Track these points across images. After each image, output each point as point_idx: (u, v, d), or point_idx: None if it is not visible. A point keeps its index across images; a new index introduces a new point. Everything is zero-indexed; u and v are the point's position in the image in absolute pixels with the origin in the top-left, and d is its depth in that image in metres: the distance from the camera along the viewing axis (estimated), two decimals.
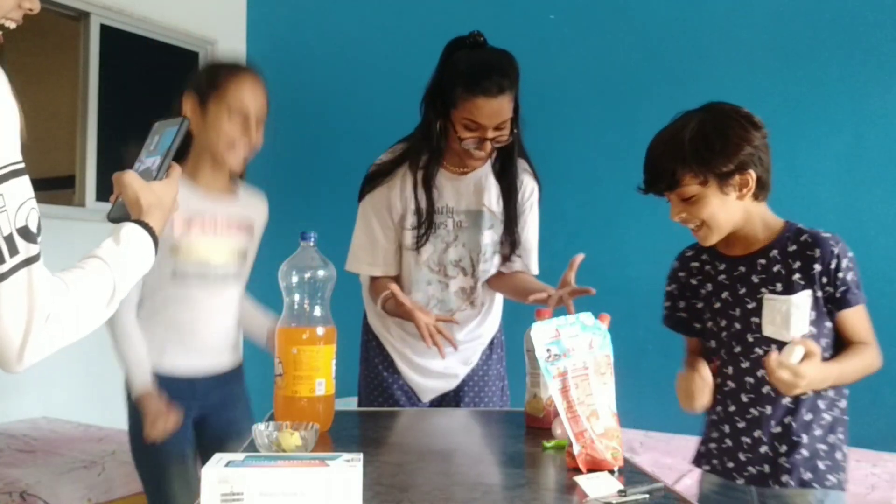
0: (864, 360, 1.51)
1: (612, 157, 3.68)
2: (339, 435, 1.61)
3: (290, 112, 4.61)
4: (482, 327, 2.16)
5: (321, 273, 1.61)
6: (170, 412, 1.84)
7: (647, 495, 1.18)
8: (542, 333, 1.35)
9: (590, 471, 1.29)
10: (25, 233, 0.97)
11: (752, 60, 3.46)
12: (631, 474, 1.32)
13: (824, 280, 1.50)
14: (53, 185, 4.06)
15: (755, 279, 1.55)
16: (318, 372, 1.57)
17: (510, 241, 2.06)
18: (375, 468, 1.33)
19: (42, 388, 3.59)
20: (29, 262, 0.98)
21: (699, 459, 1.66)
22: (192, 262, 1.90)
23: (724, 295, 1.60)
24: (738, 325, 1.56)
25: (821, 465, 1.50)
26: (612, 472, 1.30)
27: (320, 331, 1.58)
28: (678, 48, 3.60)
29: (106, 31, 3.97)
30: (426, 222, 2.00)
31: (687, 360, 1.68)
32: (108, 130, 3.90)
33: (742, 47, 3.48)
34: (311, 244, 1.66)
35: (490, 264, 2.09)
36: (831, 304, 1.51)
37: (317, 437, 1.38)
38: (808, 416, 1.51)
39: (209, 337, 1.96)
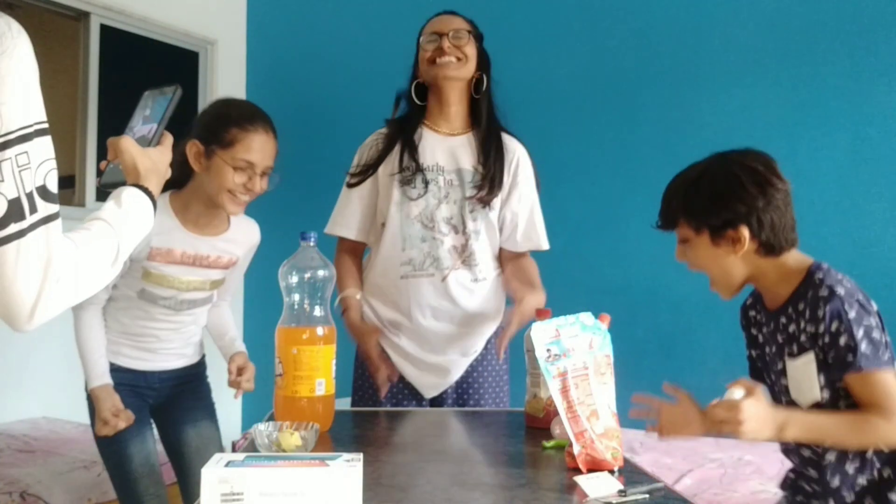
0: (857, 424, 1.33)
1: (611, 156, 3.68)
2: (339, 435, 1.61)
3: (290, 112, 4.61)
4: (483, 316, 2.14)
5: (321, 273, 1.61)
6: (121, 411, 1.86)
7: (647, 495, 1.18)
8: (542, 333, 1.35)
9: (590, 471, 1.29)
10: (44, 192, 1.00)
11: (752, 60, 3.46)
12: (631, 474, 1.32)
13: (825, 341, 1.37)
14: None
15: (780, 338, 1.47)
16: (318, 372, 1.57)
17: (486, 184, 2.08)
18: (375, 468, 1.33)
19: (42, 388, 3.59)
20: (47, 220, 1.00)
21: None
22: (161, 288, 1.92)
23: (767, 350, 1.54)
24: (776, 387, 1.51)
25: None
26: (612, 472, 1.30)
27: (320, 331, 1.58)
28: (678, 48, 3.60)
29: (106, 31, 3.97)
30: (410, 166, 2.07)
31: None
32: (108, 130, 3.88)
33: (742, 47, 3.48)
34: (311, 244, 1.66)
35: (479, 222, 2.10)
36: (833, 368, 1.37)
37: (317, 437, 1.38)
38: (834, 482, 1.40)
39: (168, 346, 2.02)
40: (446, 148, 2.12)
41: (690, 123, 3.56)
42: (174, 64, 4.36)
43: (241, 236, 2.02)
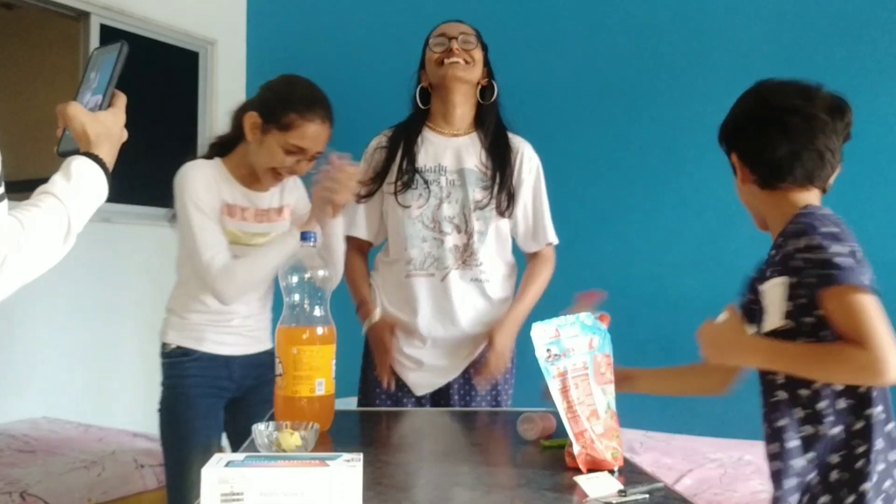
0: (829, 352, 1.21)
1: (611, 156, 3.68)
2: (339, 435, 1.61)
3: None
4: (485, 317, 2.13)
5: (321, 273, 1.61)
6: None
7: (647, 495, 1.18)
8: (543, 333, 1.35)
9: (590, 471, 1.29)
10: None
11: (752, 60, 3.46)
12: (631, 474, 1.32)
13: (799, 259, 1.26)
14: None
15: (766, 273, 1.36)
16: (318, 372, 1.57)
17: (501, 196, 2.11)
18: (375, 468, 1.33)
19: (42, 388, 3.59)
20: None
21: None
22: (234, 247, 1.93)
23: None
24: None
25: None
26: (612, 472, 1.30)
27: (320, 331, 1.58)
28: (678, 48, 3.60)
29: (106, 31, 3.97)
30: (409, 170, 2.10)
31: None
32: None
33: (742, 47, 3.48)
34: (311, 244, 1.66)
35: (485, 224, 2.11)
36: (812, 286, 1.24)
37: (317, 437, 1.38)
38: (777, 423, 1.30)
39: (247, 323, 2.01)
40: (449, 148, 2.13)
41: (690, 123, 3.56)
42: (174, 64, 4.36)
43: (290, 182, 2.07)
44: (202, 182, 1.91)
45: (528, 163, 2.17)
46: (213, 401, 1.98)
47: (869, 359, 1.16)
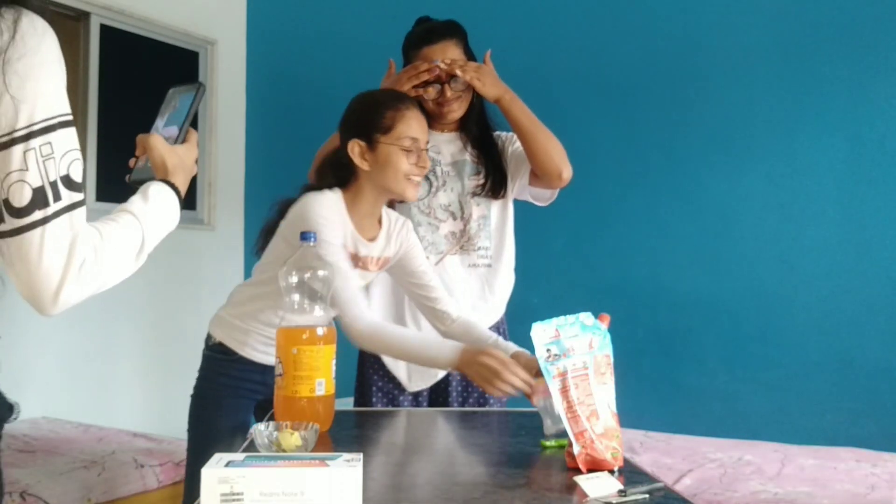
0: None
1: (612, 157, 3.68)
2: (339, 435, 1.61)
3: (291, 112, 4.61)
4: (480, 303, 2.16)
5: (321, 273, 1.61)
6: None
7: (647, 495, 1.18)
8: (542, 333, 1.35)
9: (590, 471, 1.29)
10: (68, 181, 1.04)
11: (752, 60, 3.46)
12: (631, 474, 1.32)
13: None
14: None
15: None
16: (318, 372, 1.57)
17: (495, 179, 2.15)
18: (375, 468, 1.33)
19: (42, 388, 3.59)
20: (71, 208, 1.04)
21: None
22: None
23: None
24: None
25: None
26: (612, 472, 1.30)
27: (320, 331, 1.58)
28: (678, 47, 3.60)
29: (106, 31, 3.97)
30: None
31: None
32: (108, 130, 3.89)
33: (742, 46, 3.48)
34: (311, 244, 1.66)
35: (487, 209, 2.17)
36: None
37: (317, 437, 1.38)
38: None
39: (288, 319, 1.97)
40: (441, 142, 2.18)
41: (690, 123, 3.56)
42: (174, 64, 4.36)
43: (395, 234, 1.98)
44: (339, 224, 1.82)
45: (514, 142, 2.21)
46: (243, 402, 1.95)
47: None
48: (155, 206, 1.21)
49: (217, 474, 0.99)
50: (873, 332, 3.19)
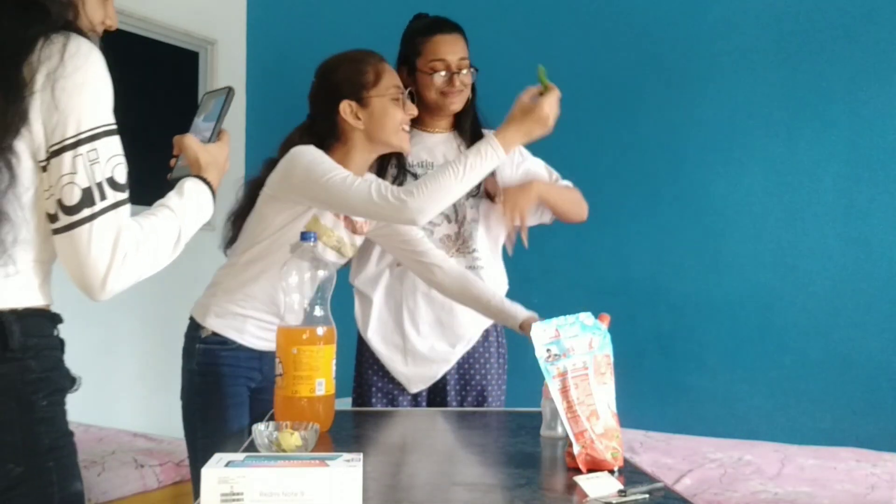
0: None
1: (612, 157, 3.68)
2: (339, 435, 1.61)
3: (290, 112, 4.61)
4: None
5: (321, 273, 1.61)
6: None
7: (647, 495, 1.18)
8: (542, 333, 1.35)
9: (590, 471, 1.29)
10: (113, 182, 1.18)
11: (752, 61, 3.46)
12: (631, 474, 1.32)
13: None
14: None
15: None
16: (318, 372, 1.57)
17: (490, 180, 2.15)
18: (375, 468, 1.33)
19: None
20: (116, 206, 1.18)
21: None
22: (327, 247, 1.91)
23: None
24: None
25: None
26: (612, 472, 1.30)
27: (320, 331, 1.58)
28: (678, 48, 3.60)
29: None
30: (400, 167, 2.13)
31: None
32: None
33: (742, 47, 3.48)
34: (312, 244, 1.66)
35: (477, 211, 2.17)
36: None
37: (317, 437, 1.38)
38: None
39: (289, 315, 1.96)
40: (433, 144, 2.19)
41: (690, 123, 3.56)
42: (174, 64, 4.35)
43: None
44: None
45: (519, 165, 2.22)
46: (242, 389, 1.92)
47: None
48: (190, 201, 1.34)
49: (217, 474, 0.99)
50: (873, 332, 3.19)
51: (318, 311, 1.60)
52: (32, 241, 1.20)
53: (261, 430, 1.37)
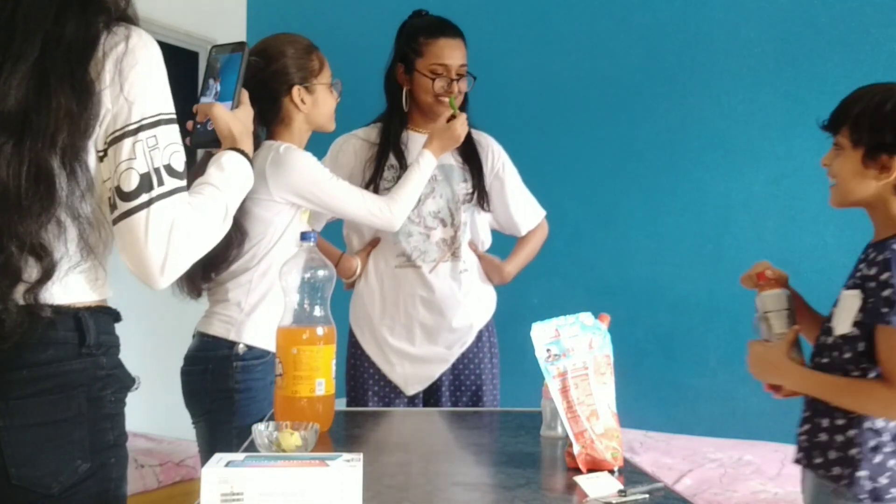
0: (858, 386, 1.39)
1: (612, 157, 3.68)
2: (339, 435, 1.61)
3: None
4: (471, 307, 2.19)
5: (321, 273, 1.61)
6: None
7: (647, 495, 1.18)
8: (542, 333, 1.35)
9: (590, 471, 1.29)
10: (170, 169, 1.19)
11: (753, 61, 3.46)
12: (631, 474, 1.32)
13: (870, 286, 1.40)
14: None
15: (854, 271, 1.51)
16: (318, 372, 1.57)
17: (478, 190, 2.20)
18: (375, 468, 1.33)
19: None
20: (172, 192, 1.19)
21: None
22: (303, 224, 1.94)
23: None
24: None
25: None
26: (612, 472, 1.30)
27: (320, 331, 1.58)
28: (678, 48, 3.60)
29: None
30: (396, 169, 2.14)
31: None
32: None
33: (742, 48, 3.48)
34: (312, 244, 1.66)
35: (469, 217, 2.20)
36: (868, 313, 1.39)
37: (317, 437, 1.38)
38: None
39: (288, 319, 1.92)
40: None
41: (690, 123, 3.56)
42: (174, 64, 4.34)
43: None
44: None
45: (497, 158, 2.25)
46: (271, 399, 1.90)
47: (889, 396, 1.35)
48: (231, 175, 1.36)
49: (217, 474, 0.99)
50: None
51: (317, 311, 1.60)
52: (98, 238, 1.21)
53: (261, 430, 1.37)
